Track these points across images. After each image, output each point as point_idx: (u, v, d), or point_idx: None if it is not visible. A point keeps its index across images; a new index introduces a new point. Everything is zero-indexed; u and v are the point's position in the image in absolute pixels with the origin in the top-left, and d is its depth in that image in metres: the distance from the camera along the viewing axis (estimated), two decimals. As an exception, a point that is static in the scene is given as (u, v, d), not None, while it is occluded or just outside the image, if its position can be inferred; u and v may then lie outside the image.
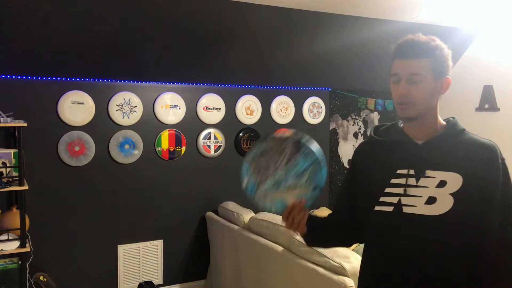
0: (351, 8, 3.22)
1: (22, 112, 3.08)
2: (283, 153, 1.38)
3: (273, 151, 1.39)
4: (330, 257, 2.34)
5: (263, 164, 1.40)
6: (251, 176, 1.42)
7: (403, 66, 1.28)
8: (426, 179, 1.27)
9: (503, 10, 3.43)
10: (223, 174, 3.90)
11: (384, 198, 1.31)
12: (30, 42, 2.90)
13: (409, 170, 1.29)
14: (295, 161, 1.37)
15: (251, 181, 1.43)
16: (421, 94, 1.27)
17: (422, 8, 3.24)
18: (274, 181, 1.40)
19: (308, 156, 1.37)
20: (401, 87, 1.28)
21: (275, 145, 1.40)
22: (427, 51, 1.27)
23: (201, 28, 3.16)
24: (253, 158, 1.42)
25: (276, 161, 1.39)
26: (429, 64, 1.27)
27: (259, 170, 1.41)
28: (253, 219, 3.11)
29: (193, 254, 3.82)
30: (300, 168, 1.37)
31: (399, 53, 1.30)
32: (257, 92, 3.99)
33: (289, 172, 1.38)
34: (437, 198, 1.25)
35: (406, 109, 1.29)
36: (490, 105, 4.06)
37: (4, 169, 2.91)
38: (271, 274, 2.81)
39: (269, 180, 1.40)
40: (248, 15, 3.13)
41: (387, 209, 1.30)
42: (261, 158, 1.41)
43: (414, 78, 1.26)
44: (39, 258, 3.16)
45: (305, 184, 1.38)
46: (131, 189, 3.56)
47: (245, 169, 1.43)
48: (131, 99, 3.48)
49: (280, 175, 1.39)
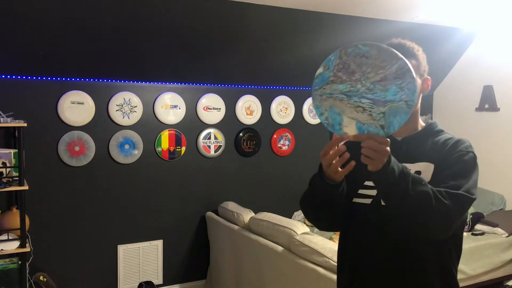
0: (351, 8, 3.22)
1: (22, 112, 3.08)
2: (382, 69, 1.17)
3: (374, 60, 1.18)
4: (330, 257, 2.35)
5: (353, 66, 1.19)
6: (330, 68, 1.20)
7: None
8: None
9: (503, 10, 3.43)
10: (223, 174, 3.90)
11: (363, 190, 1.37)
12: (30, 42, 2.90)
13: None
14: (388, 85, 1.16)
15: (326, 73, 1.21)
16: None
17: (422, 8, 3.24)
18: (349, 89, 1.18)
19: (405, 90, 1.15)
20: None
21: (382, 55, 1.17)
22: (412, 52, 1.36)
23: (201, 28, 3.16)
24: (348, 53, 1.19)
25: (369, 72, 1.17)
26: (414, 64, 1.33)
27: (343, 68, 1.19)
28: (253, 219, 3.12)
29: (193, 254, 3.82)
30: (386, 96, 1.16)
31: None
32: (257, 92, 4.00)
33: (372, 91, 1.17)
34: None
35: None
36: (490, 105, 4.06)
37: (4, 169, 2.91)
38: (271, 274, 2.81)
39: (345, 85, 1.19)
40: (248, 15, 3.13)
41: (365, 201, 1.37)
42: (356, 58, 1.19)
43: None
44: (39, 258, 3.16)
45: (377, 115, 1.16)
46: (131, 189, 3.56)
47: (331, 58, 1.21)
48: (131, 99, 3.48)
49: (361, 87, 1.17)
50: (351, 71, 1.18)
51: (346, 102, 1.19)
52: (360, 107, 1.17)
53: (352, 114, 1.18)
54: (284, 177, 4.14)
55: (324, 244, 2.48)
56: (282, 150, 4.14)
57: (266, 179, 4.09)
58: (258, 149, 4.03)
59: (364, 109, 1.17)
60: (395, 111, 1.15)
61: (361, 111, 1.17)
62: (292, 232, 2.70)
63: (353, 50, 1.19)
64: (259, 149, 4.04)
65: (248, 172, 4.02)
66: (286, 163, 4.15)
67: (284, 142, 4.15)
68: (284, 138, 4.14)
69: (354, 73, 1.18)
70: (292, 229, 2.73)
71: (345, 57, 1.19)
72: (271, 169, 4.11)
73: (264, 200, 4.02)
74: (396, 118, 1.15)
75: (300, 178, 4.23)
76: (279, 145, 4.12)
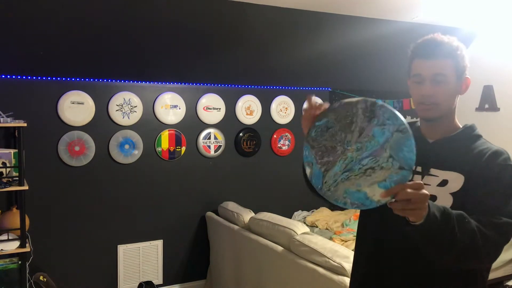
0: (351, 8, 3.22)
1: (22, 112, 3.08)
2: (352, 124, 1.08)
3: (339, 124, 1.10)
4: (330, 257, 2.34)
5: (328, 144, 1.10)
6: (314, 162, 1.12)
7: (427, 67, 1.26)
8: (430, 177, 1.27)
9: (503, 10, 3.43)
10: (223, 174, 3.90)
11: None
12: (30, 42, 2.90)
13: (416, 167, 1.29)
14: (370, 133, 1.07)
15: (315, 169, 1.12)
16: (445, 95, 1.27)
17: (422, 8, 3.24)
18: (345, 164, 1.09)
19: (387, 124, 1.05)
20: (426, 87, 1.26)
21: (339, 114, 1.10)
22: (450, 51, 1.27)
23: (201, 28, 3.16)
24: (314, 138, 1.12)
25: (345, 136, 1.09)
26: (452, 64, 1.27)
27: (324, 152, 1.11)
28: (253, 219, 3.11)
29: (193, 254, 3.82)
30: (378, 141, 1.06)
31: (421, 53, 1.28)
32: (257, 92, 3.99)
33: (363, 148, 1.07)
34: (437, 197, 1.24)
35: (429, 109, 1.28)
36: (490, 105, 4.06)
37: (4, 169, 2.91)
38: (271, 274, 2.81)
39: (338, 164, 1.09)
40: (248, 15, 3.13)
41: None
42: (324, 135, 1.11)
43: (438, 79, 1.25)
44: (39, 258, 3.16)
45: (387, 163, 1.05)
46: (131, 189, 3.56)
47: (306, 154, 1.13)
48: (131, 99, 3.48)
49: (351, 153, 1.08)
50: (331, 148, 1.10)
51: (353, 177, 1.08)
52: (368, 169, 1.07)
53: (368, 181, 1.07)
54: (284, 177, 4.14)
55: (324, 244, 2.48)
56: (282, 150, 4.14)
57: (266, 179, 4.09)
58: (258, 149, 4.03)
59: (372, 168, 1.06)
60: (398, 146, 1.05)
61: (372, 172, 1.06)
62: (292, 232, 2.70)
63: (315, 131, 1.12)
64: (259, 149, 4.04)
65: (248, 172, 4.02)
66: (286, 163, 4.15)
67: (284, 142, 4.15)
68: (284, 138, 4.14)
69: (335, 148, 1.10)
70: (292, 229, 2.73)
71: (315, 143, 1.12)
72: (271, 169, 4.11)
73: (264, 200, 4.02)
74: (404, 150, 1.05)
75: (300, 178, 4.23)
76: (279, 145, 4.12)
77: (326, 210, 4.19)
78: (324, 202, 4.35)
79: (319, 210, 4.19)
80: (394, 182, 1.04)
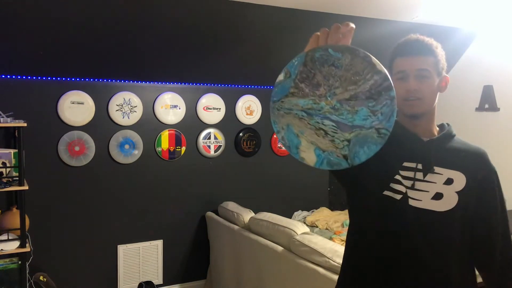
0: (351, 8, 3.22)
1: (22, 112, 3.08)
2: (354, 84, 0.98)
3: (345, 71, 0.98)
4: (330, 257, 2.34)
5: (319, 77, 0.99)
6: (292, 77, 1.01)
7: (410, 63, 1.29)
8: (434, 175, 1.28)
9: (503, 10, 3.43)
10: (223, 174, 3.90)
11: (394, 185, 1.29)
12: (30, 42, 2.90)
13: (417, 164, 1.30)
14: (358, 107, 0.98)
15: (287, 83, 1.01)
16: (429, 89, 1.29)
17: (422, 8, 3.24)
18: (311, 105, 0.99)
19: (377, 115, 0.97)
20: (410, 83, 1.28)
21: (355, 65, 0.98)
22: (430, 49, 1.30)
23: (201, 28, 3.16)
24: (314, 59, 0.99)
25: (337, 86, 0.98)
26: (433, 61, 1.30)
27: (307, 78, 1.00)
28: (253, 219, 3.11)
29: (193, 254, 3.82)
30: (354, 119, 0.98)
31: (404, 51, 1.31)
32: (257, 92, 3.99)
33: (338, 112, 0.98)
34: (443, 195, 1.27)
35: (414, 105, 1.29)
36: (490, 105, 4.06)
37: (4, 169, 2.91)
38: (271, 274, 2.81)
39: (307, 100, 1.00)
40: (249, 15, 3.13)
41: (395, 197, 1.28)
42: (323, 67, 0.99)
43: (422, 74, 1.28)
44: (39, 258, 3.16)
45: (340, 143, 0.99)
46: (131, 189, 3.56)
47: (294, 64, 1.01)
48: (131, 99, 3.48)
49: (325, 105, 0.99)
50: (316, 83, 0.99)
51: (306, 122, 1.00)
52: (321, 129, 0.99)
53: (312, 138, 1.00)
54: (284, 177, 4.14)
55: (324, 244, 2.48)
56: (282, 150, 4.13)
57: (266, 179, 4.09)
58: (258, 149, 4.03)
59: (326, 133, 0.99)
60: (363, 140, 0.97)
61: (322, 135, 0.99)
62: (292, 232, 2.70)
63: (321, 55, 0.98)
64: (259, 149, 4.03)
65: (248, 172, 4.02)
66: (286, 163, 4.15)
67: (284, 142, 4.14)
68: (284, 138, 4.14)
69: (319, 86, 0.99)
70: (292, 229, 2.73)
71: (311, 64, 0.99)
72: (271, 169, 4.11)
73: (264, 200, 4.02)
74: (363, 149, 0.97)
75: (300, 178, 4.24)
76: (279, 145, 4.12)
77: (326, 210, 4.19)
78: (324, 202, 4.35)
79: (319, 210, 4.19)
80: (328, 161, 0.99)
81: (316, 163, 1.01)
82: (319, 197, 4.35)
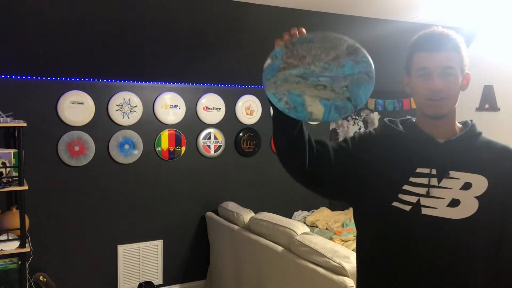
0: (351, 8, 3.22)
1: (22, 112, 3.08)
2: (333, 49, 1.13)
3: (321, 44, 1.13)
4: (330, 257, 2.34)
5: (302, 52, 1.13)
6: (279, 57, 1.14)
7: (434, 59, 1.18)
8: (450, 180, 1.18)
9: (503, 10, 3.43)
10: (223, 174, 3.90)
11: (403, 196, 1.20)
12: (30, 42, 2.90)
13: (431, 169, 1.20)
14: (343, 62, 1.12)
15: (276, 63, 1.14)
16: (454, 88, 1.20)
17: (422, 8, 3.24)
18: (304, 71, 1.13)
19: (361, 64, 1.13)
20: (435, 81, 1.17)
21: (326, 40, 1.13)
22: (456, 44, 1.20)
23: (201, 28, 3.16)
24: (293, 43, 1.13)
25: (320, 54, 1.13)
26: (458, 58, 1.20)
27: (292, 56, 1.13)
28: (253, 219, 3.11)
29: (193, 254, 3.82)
30: (344, 71, 1.13)
31: (428, 45, 1.20)
32: (257, 92, 3.99)
33: (328, 70, 1.12)
34: (460, 201, 1.17)
35: (439, 105, 1.19)
36: (490, 105, 4.06)
37: (4, 169, 2.91)
38: (271, 274, 2.81)
39: (298, 69, 1.13)
40: (249, 15, 3.13)
41: (404, 208, 1.19)
42: (303, 45, 1.13)
43: (448, 71, 1.18)
44: (39, 258, 3.16)
45: (341, 90, 1.13)
46: (131, 189, 3.56)
47: (276, 50, 1.15)
48: (131, 99, 3.48)
49: (315, 68, 1.13)
50: (301, 56, 1.13)
51: (304, 83, 1.13)
52: (320, 85, 1.13)
53: (313, 93, 1.13)
54: (284, 177, 4.09)
55: (324, 244, 2.48)
56: (282, 150, 4.13)
57: (266, 179, 4.09)
58: (258, 149, 4.02)
59: (324, 86, 1.13)
60: (357, 83, 1.13)
61: (322, 88, 1.13)
62: (292, 232, 2.70)
63: (297, 39, 1.13)
64: (259, 149, 4.03)
65: (248, 172, 4.01)
66: (286, 163, 4.14)
67: (284, 142, 4.14)
68: (284, 138, 4.14)
69: (305, 58, 1.13)
70: (292, 229, 2.73)
71: (291, 46, 1.13)
72: (271, 169, 4.10)
73: (264, 200, 4.02)
74: (361, 89, 1.13)
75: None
76: (279, 145, 4.11)
77: (326, 210, 4.19)
78: (324, 202, 4.35)
79: (319, 210, 4.18)
80: (335, 107, 1.13)
81: (325, 112, 1.14)
82: (319, 197, 4.35)
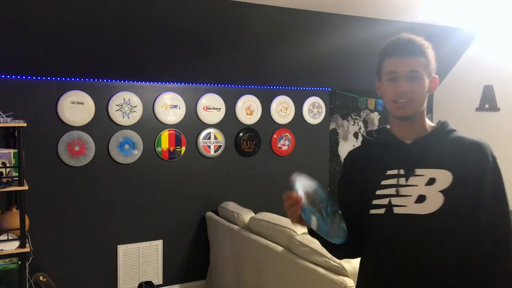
0: (351, 8, 3.22)
1: (22, 112, 3.08)
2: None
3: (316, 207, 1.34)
4: (330, 257, 2.34)
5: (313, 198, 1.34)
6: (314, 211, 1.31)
7: (401, 64, 1.26)
8: (416, 177, 1.26)
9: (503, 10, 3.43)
10: (223, 174, 3.90)
11: (376, 200, 1.30)
12: (30, 42, 2.90)
13: (399, 170, 1.29)
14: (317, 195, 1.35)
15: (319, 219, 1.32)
16: (421, 91, 1.27)
17: (422, 8, 3.24)
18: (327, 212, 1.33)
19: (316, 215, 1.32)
20: (402, 84, 1.25)
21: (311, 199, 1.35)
22: (422, 49, 1.27)
23: (201, 28, 3.16)
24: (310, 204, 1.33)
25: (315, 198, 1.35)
26: (424, 62, 1.27)
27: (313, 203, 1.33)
28: (253, 219, 3.11)
29: (193, 254, 3.82)
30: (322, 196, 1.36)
31: (395, 51, 1.28)
32: (257, 92, 3.99)
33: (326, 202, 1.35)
34: (426, 196, 1.24)
35: (405, 107, 1.27)
36: (490, 105, 4.06)
37: (4, 169, 2.91)
38: (271, 274, 2.81)
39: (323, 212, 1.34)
40: (249, 15, 3.13)
41: (380, 212, 1.29)
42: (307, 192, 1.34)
43: (414, 75, 1.25)
44: (39, 258, 3.16)
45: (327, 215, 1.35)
46: (131, 189, 3.56)
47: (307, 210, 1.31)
48: (131, 99, 3.48)
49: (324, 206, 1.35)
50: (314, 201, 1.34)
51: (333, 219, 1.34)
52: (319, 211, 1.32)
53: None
54: (284, 177, 4.10)
55: (324, 244, 2.48)
56: (282, 150, 4.13)
57: (266, 179, 4.09)
58: (258, 149, 4.03)
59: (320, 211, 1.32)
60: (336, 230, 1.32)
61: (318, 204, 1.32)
62: (292, 232, 2.70)
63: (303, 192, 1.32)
64: (259, 149, 4.03)
65: (248, 172, 4.02)
66: (286, 163, 4.15)
67: (284, 142, 4.15)
68: (284, 138, 4.14)
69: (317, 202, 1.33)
70: (292, 229, 2.73)
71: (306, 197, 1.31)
72: (271, 169, 4.10)
73: (264, 200, 4.02)
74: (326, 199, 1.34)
75: (300, 178, 4.23)
76: (279, 145, 4.12)
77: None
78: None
79: (319, 210, 4.18)
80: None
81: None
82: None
